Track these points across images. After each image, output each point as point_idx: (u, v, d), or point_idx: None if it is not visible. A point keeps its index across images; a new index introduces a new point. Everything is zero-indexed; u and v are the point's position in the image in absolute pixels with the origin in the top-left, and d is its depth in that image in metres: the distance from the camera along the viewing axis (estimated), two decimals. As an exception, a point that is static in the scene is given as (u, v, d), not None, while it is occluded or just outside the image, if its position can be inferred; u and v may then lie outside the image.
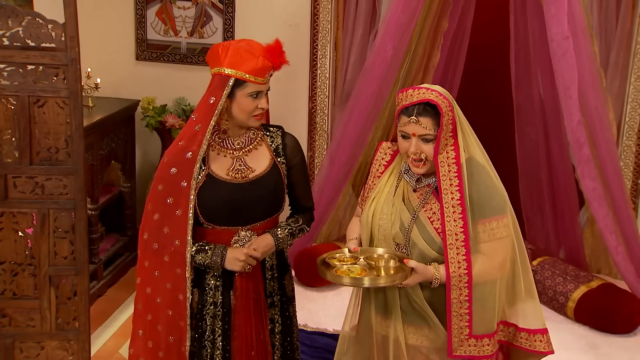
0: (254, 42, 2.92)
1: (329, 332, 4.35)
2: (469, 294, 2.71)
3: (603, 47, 5.05)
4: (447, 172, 2.71)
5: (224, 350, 2.99)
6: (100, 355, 4.59)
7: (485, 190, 2.73)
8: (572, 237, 5.21)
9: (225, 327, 3.00)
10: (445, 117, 2.69)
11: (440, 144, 2.70)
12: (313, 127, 5.52)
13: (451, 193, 2.71)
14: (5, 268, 3.41)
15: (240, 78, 2.82)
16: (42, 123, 3.29)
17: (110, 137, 5.27)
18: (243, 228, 2.97)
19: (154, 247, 2.92)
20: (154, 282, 2.95)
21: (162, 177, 2.92)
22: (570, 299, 4.62)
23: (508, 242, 2.78)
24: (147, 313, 2.99)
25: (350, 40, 5.37)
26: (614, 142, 4.72)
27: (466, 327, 2.74)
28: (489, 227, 2.73)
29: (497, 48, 5.18)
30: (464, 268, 2.69)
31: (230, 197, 2.92)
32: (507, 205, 2.78)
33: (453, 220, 2.69)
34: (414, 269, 2.72)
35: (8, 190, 3.33)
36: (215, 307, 2.99)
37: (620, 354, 4.31)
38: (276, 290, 3.12)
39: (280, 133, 3.06)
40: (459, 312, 2.73)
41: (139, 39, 5.66)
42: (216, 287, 2.99)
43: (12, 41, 3.22)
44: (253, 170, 2.96)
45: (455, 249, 2.70)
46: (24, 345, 3.48)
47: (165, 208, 2.89)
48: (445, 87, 5.03)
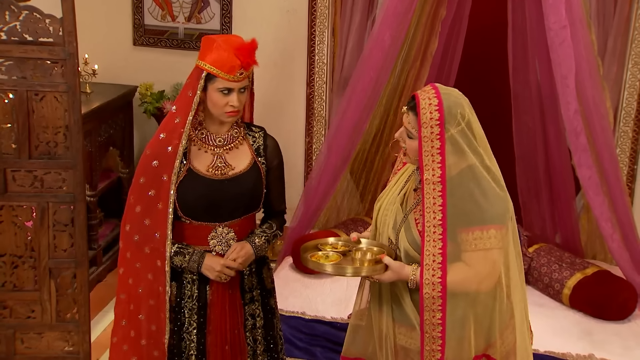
0: (236, 37, 2.90)
1: (326, 320, 4.36)
2: (442, 305, 2.63)
3: (601, 33, 5.05)
4: (432, 191, 2.65)
5: (198, 344, 3.02)
6: (99, 342, 4.61)
7: (472, 199, 2.64)
8: (568, 223, 5.24)
9: (201, 321, 3.02)
10: (425, 124, 2.61)
11: (422, 148, 2.63)
12: (311, 113, 5.52)
13: (433, 212, 2.64)
14: (6, 260, 3.44)
15: (210, 72, 2.82)
16: (41, 117, 3.30)
17: (108, 124, 5.29)
18: (221, 224, 2.98)
19: (134, 238, 2.94)
20: (135, 272, 2.98)
21: (144, 170, 2.92)
22: (566, 286, 4.65)
23: (495, 255, 2.65)
24: (130, 303, 3.01)
25: (348, 26, 5.37)
26: (610, 131, 4.73)
27: (438, 351, 2.69)
28: (471, 236, 2.63)
29: (494, 35, 5.16)
30: (437, 277, 2.62)
31: (208, 193, 2.93)
32: (498, 218, 2.66)
33: (432, 226, 2.64)
34: (388, 265, 2.71)
35: (7, 184, 3.36)
36: (192, 300, 3.02)
37: (614, 340, 4.33)
38: (255, 285, 3.13)
39: (263, 134, 3.08)
40: (432, 335, 2.67)
41: (136, 24, 5.65)
42: (193, 280, 3.01)
43: (9, 36, 3.23)
44: (233, 168, 2.97)
45: (432, 256, 2.64)
46: (25, 336, 3.52)
47: (147, 200, 2.90)
48: (442, 74, 5.14)
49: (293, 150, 5.47)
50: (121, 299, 3.05)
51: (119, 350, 3.09)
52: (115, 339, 3.11)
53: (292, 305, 4.46)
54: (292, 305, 4.46)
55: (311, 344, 4.18)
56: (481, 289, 2.68)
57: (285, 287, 4.58)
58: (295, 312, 4.42)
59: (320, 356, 4.09)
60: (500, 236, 2.64)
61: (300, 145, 5.60)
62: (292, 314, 4.38)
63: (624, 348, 4.26)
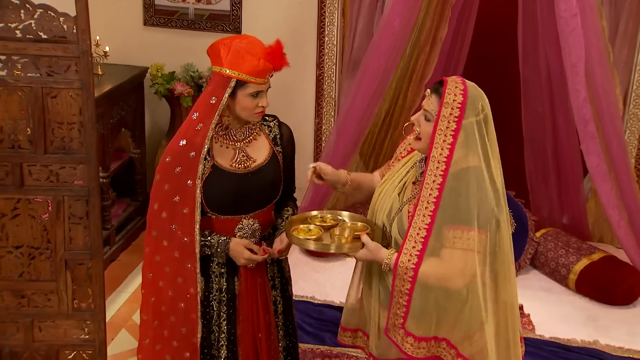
0: (255, 41, 2.94)
1: (335, 305, 4.43)
2: (410, 289, 2.71)
3: (613, 15, 5.04)
4: (435, 169, 2.70)
5: (228, 334, 3.13)
6: (114, 322, 4.73)
7: (465, 199, 2.69)
8: (575, 206, 5.29)
9: (230, 312, 3.12)
10: (447, 104, 2.68)
11: (437, 127, 2.69)
12: (320, 95, 5.55)
13: (427, 203, 2.70)
14: (23, 252, 3.50)
15: (241, 79, 2.87)
16: (56, 113, 3.33)
17: (120, 106, 5.33)
18: (246, 216, 3.07)
19: (163, 243, 3.01)
20: (165, 276, 3.05)
21: (167, 176, 2.98)
22: (572, 271, 4.71)
23: (469, 257, 2.69)
24: (162, 305, 3.10)
25: (358, 8, 5.37)
26: (619, 118, 4.75)
27: (401, 316, 2.76)
28: (452, 234, 2.68)
29: (504, 21, 5.16)
30: (412, 262, 2.69)
31: (235, 187, 3.00)
32: (482, 223, 2.68)
33: (422, 215, 2.70)
34: (365, 244, 2.80)
35: (24, 178, 3.40)
36: (221, 293, 3.11)
37: (619, 326, 4.41)
38: (276, 273, 3.25)
39: (277, 123, 3.16)
40: (399, 301, 2.75)
41: (147, 4, 5.67)
42: (221, 274, 3.11)
43: (25, 34, 3.24)
44: (254, 161, 3.05)
45: (413, 242, 2.71)
46: (42, 324, 3.59)
47: (172, 206, 2.97)
48: (452, 60, 5.14)
49: (303, 131, 5.51)
50: (151, 301, 3.12)
51: (152, 350, 3.17)
52: (147, 341, 3.18)
53: (302, 289, 4.54)
54: (302, 289, 4.54)
55: (320, 329, 4.26)
56: (449, 286, 2.73)
57: (295, 270, 4.57)
58: (305, 297, 4.50)
59: (329, 342, 4.16)
60: (479, 240, 2.69)
61: (310, 126, 5.63)
62: (302, 298, 4.46)
63: (629, 334, 4.34)
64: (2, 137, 3.36)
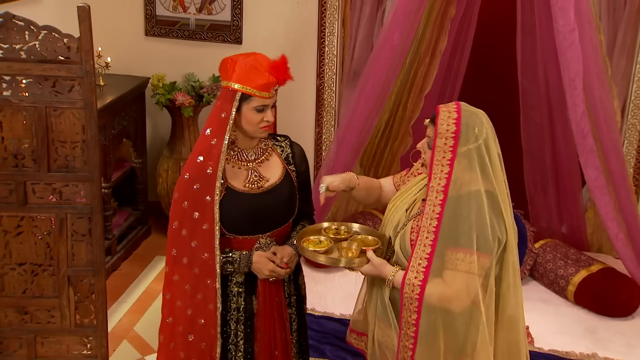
0: (261, 57, 2.98)
1: (335, 317, 4.46)
2: (418, 307, 2.72)
3: (611, 26, 5.08)
4: (434, 199, 2.74)
5: (245, 352, 3.15)
6: (115, 333, 4.73)
7: (468, 222, 2.71)
8: (574, 216, 5.32)
9: (248, 331, 3.15)
10: (441, 135, 2.71)
11: (434, 157, 2.74)
12: (321, 104, 5.58)
13: (430, 219, 2.74)
14: (26, 269, 3.55)
15: (246, 92, 2.91)
16: (59, 132, 3.38)
17: (122, 116, 5.35)
18: (263, 235, 3.09)
19: (183, 261, 3.04)
20: (184, 295, 3.07)
21: (185, 194, 3.00)
22: (571, 282, 4.75)
23: (470, 281, 2.72)
24: (179, 325, 3.11)
25: (358, 18, 5.40)
26: (617, 131, 4.78)
27: (410, 348, 2.78)
28: (454, 256, 2.70)
29: (503, 33, 5.19)
30: (419, 279, 2.72)
31: (249, 207, 3.03)
32: (485, 247, 2.71)
33: (423, 245, 2.74)
34: (370, 260, 2.84)
35: (27, 196, 3.45)
36: (238, 312, 3.14)
37: (617, 339, 4.44)
38: (293, 291, 3.27)
39: (289, 142, 3.19)
40: (407, 332, 2.78)
41: (148, 15, 5.69)
42: (239, 293, 3.13)
43: (29, 54, 3.29)
44: (267, 180, 3.07)
45: (419, 259, 2.74)
46: (45, 340, 3.64)
47: (192, 223, 2.99)
48: (451, 72, 5.16)
49: (303, 141, 5.37)
50: (168, 322, 3.13)
51: None
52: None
53: (303, 301, 4.55)
54: (303, 301, 4.55)
55: (321, 342, 4.27)
56: (452, 308, 2.75)
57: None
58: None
59: (330, 354, 4.19)
60: (479, 264, 2.72)
61: (310, 136, 5.66)
62: (302, 310, 4.48)
63: (627, 347, 4.37)
64: (6, 155, 3.41)
